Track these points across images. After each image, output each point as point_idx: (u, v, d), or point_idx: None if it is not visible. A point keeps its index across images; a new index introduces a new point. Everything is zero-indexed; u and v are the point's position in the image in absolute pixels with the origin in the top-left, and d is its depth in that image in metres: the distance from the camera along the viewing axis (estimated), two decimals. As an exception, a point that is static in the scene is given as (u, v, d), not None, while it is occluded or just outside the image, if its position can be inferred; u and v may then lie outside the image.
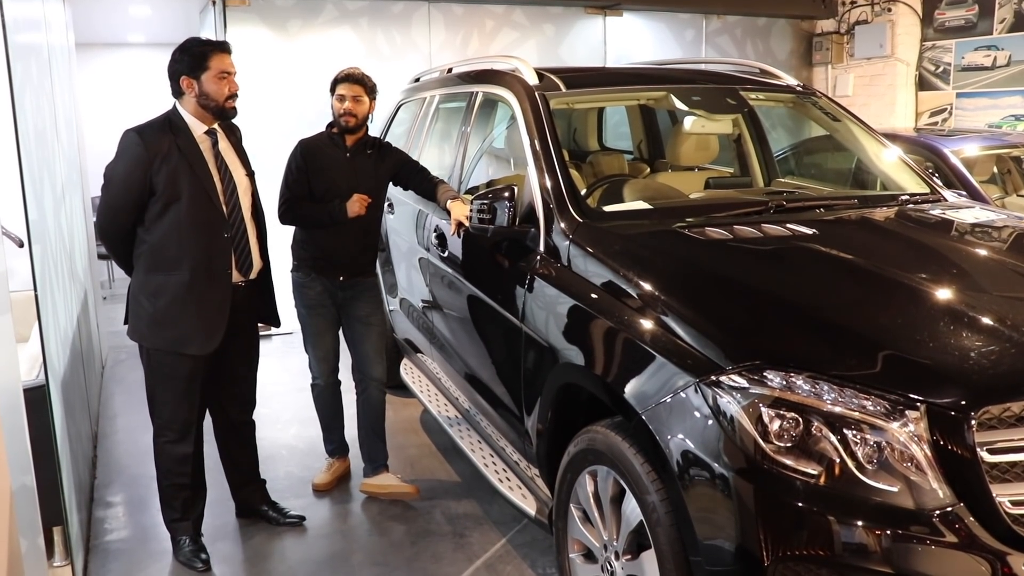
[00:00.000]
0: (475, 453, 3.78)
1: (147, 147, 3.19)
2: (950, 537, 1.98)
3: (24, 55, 3.41)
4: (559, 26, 7.96)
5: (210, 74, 3.27)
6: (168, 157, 3.21)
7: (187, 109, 3.32)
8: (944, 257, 2.90)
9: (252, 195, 3.51)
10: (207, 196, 3.29)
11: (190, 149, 3.27)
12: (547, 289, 3.02)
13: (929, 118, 8.59)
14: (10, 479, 2.63)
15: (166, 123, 3.30)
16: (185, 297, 3.28)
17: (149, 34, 9.95)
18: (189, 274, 3.27)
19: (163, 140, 3.23)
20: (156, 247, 3.27)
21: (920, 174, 3.88)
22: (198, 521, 3.59)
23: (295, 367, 5.77)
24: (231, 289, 3.40)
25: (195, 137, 3.31)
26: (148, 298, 3.31)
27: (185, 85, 3.29)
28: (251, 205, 3.49)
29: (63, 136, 4.85)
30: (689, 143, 4.09)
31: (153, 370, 3.41)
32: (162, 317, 3.30)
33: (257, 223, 3.53)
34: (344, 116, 3.81)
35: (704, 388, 2.22)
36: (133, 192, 3.22)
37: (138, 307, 3.35)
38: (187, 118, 3.32)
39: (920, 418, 2.06)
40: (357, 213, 3.76)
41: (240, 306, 3.46)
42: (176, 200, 3.23)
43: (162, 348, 3.35)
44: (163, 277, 3.28)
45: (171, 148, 3.23)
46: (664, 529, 2.30)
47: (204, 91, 3.28)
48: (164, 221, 3.25)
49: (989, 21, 8.01)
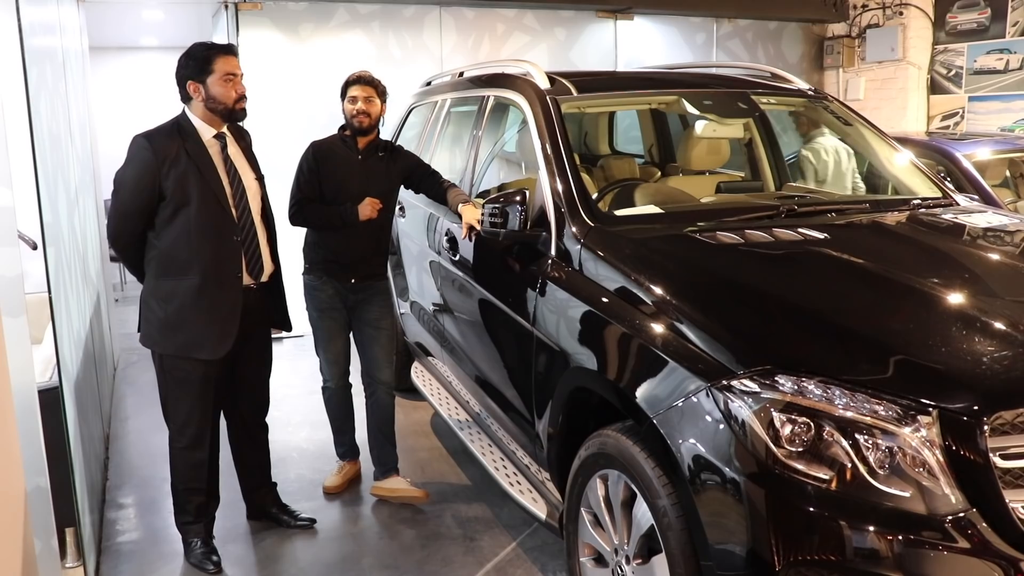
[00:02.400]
0: (486, 457, 3.78)
1: (156, 152, 3.20)
2: (962, 543, 1.97)
3: (39, 59, 3.43)
4: (570, 30, 7.96)
5: (216, 77, 3.28)
6: (177, 161, 3.22)
7: (196, 113, 3.34)
8: (956, 262, 2.89)
9: (262, 199, 3.52)
10: (216, 200, 3.30)
11: (199, 153, 3.28)
12: (558, 293, 3.02)
13: (941, 122, 8.56)
14: (24, 480, 2.64)
15: (175, 128, 3.31)
16: (196, 302, 3.29)
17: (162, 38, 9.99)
18: (200, 278, 3.28)
19: (172, 145, 3.24)
20: (166, 252, 3.28)
21: (932, 178, 3.87)
22: (210, 524, 3.61)
23: (306, 370, 5.78)
24: (242, 293, 3.41)
25: (204, 141, 3.32)
26: (159, 303, 3.32)
27: (192, 89, 3.30)
28: (260, 209, 3.50)
29: (77, 139, 4.88)
30: (700, 147, 4.09)
31: (166, 375, 3.42)
32: (174, 322, 3.31)
33: (267, 227, 3.54)
34: (357, 116, 3.83)
35: (716, 392, 2.22)
36: (143, 197, 3.23)
37: (149, 312, 3.36)
38: (196, 122, 3.33)
39: (932, 423, 2.05)
40: (368, 216, 3.77)
41: (252, 310, 3.47)
42: (186, 204, 3.24)
43: (174, 353, 3.36)
44: (174, 282, 3.29)
45: (180, 152, 3.24)
46: (675, 533, 2.30)
47: (211, 94, 3.29)
48: (174, 226, 3.26)
49: (1002, 24, 7.97)
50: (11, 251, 2.76)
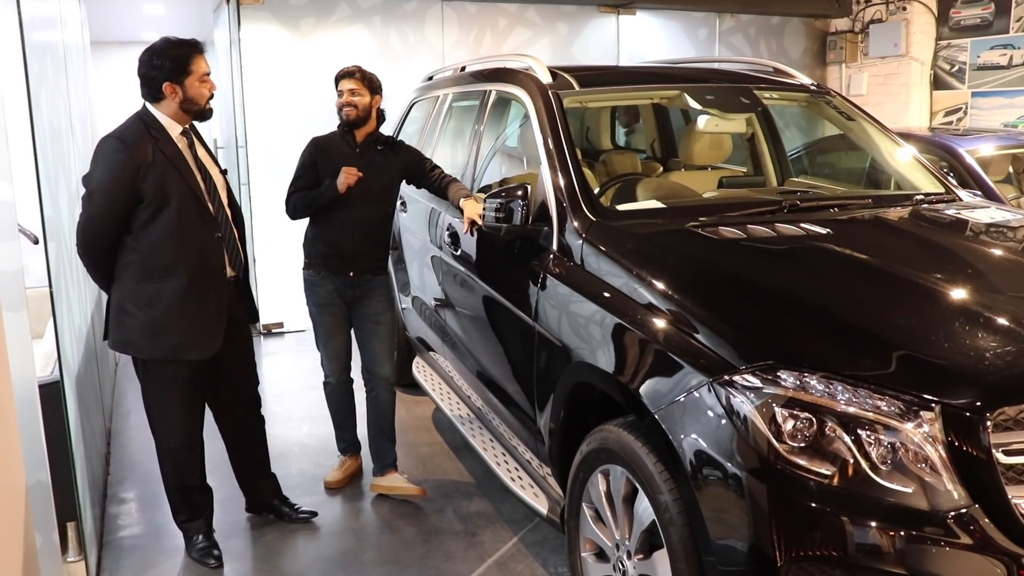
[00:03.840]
0: (487, 452, 3.78)
1: (132, 154, 3.11)
2: (965, 539, 1.96)
3: (40, 53, 3.43)
4: (572, 25, 7.95)
5: (193, 78, 3.22)
6: (153, 162, 3.14)
7: (164, 112, 3.24)
8: (959, 257, 2.89)
9: (228, 192, 3.47)
10: (195, 197, 3.23)
11: (173, 152, 3.21)
12: (560, 288, 3.02)
13: (944, 117, 8.54)
14: (25, 475, 2.64)
15: (142, 126, 3.21)
16: (184, 302, 3.22)
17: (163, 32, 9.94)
18: (186, 278, 3.21)
19: (145, 145, 3.15)
20: (148, 254, 3.19)
21: (935, 174, 3.86)
22: (209, 518, 3.60)
23: (307, 365, 5.78)
24: (228, 289, 3.38)
25: (173, 138, 3.24)
26: (140, 308, 3.22)
27: (168, 91, 3.20)
28: (227, 202, 3.44)
29: (78, 134, 4.88)
30: (702, 142, 4.08)
31: (152, 380, 3.36)
32: (159, 325, 3.22)
33: (236, 219, 3.49)
34: (345, 108, 3.85)
35: (717, 388, 2.21)
36: (119, 201, 3.12)
37: (125, 318, 3.25)
38: (163, 119, 3.24)
39: (935, 419, 2.05)
40: (346, 184, 3.75)
41: (233, 303, 3.44)
42: (165, 205, 3.16)
43: (161, 357, 3.29)
44: (157, 284, 3.20)
45: (155, 152, 3.15)
46: (677, 529, 2.29)
47: (189, 95, 3.22)
48: (155, 227, 3.17)
49: (1005, 20, 7.95)
50: (12, 245, 2.76)
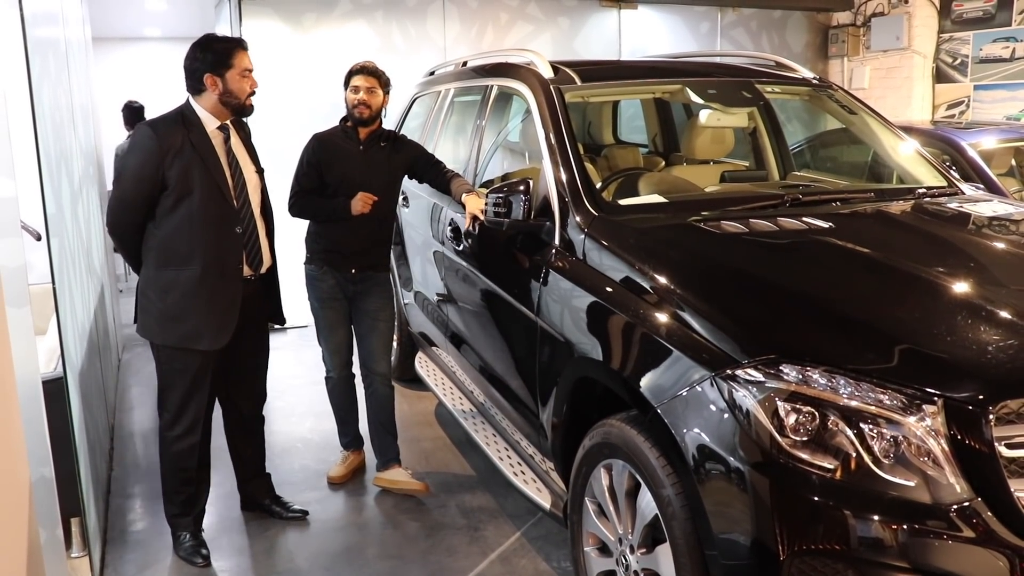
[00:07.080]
0: (490, 446, 3.78)
1: (160, 141, 3.19)
2: (967, 532, 1.97)
3: (42, 49, 3.42)
4: (574, 19, 7.94)
5: (234, 72, 3.28)
6: (181, 152, 3.21)
7: (204, 105, 3.32)
8: (961, 251, 2.88)
9: (262, 192, 3.51)
10: (219, 191, 3.28)
11: (203, 144, 3.27)
12: (562, 283, 3.02)
13: (946, 111, 8.52)
14: (29, 470, 2.64)
15: (179, 117, 3.30)
16: (196, 293, 3.27)
17: (165, 28, 9.99)
18: (200, 269, 3.26)
19: (176, 134, 3.23)
20: (166, 242, 3.27)
21: (937, 167, 3.86)
22: (199, 516, 3.59)
23: (310, 360, 5.78)
24: (242, 284, 3.40)
25: (208, 132, 3.31)
26: (158, 294, 3.30)
27: (209, 83, 3.27)
28: (260, 202, 3.49)
29: (80, 130, 4.88)
30: (704, 136, 4.08)
31: (164, 366, 3.41)
32: (173, 313, 3.30)
33: (266, 220, 3.54)
34: (358, 107, 3.82)
35: (720, 382, 2.21)
36: (144, 186, 3.22)
37: (147, 303, 3.34)
38: (201, 113, 3.32)
39: (937, 412, 2.05)
40: (360, 212, 3.76)
41: (249, 300, 3.45)
42: (188, 195, 3.23)
43: (173, 344, 3.35)
44: (173, 272, 3.28)
45: (184, 143, 3.23)
46: (679, 523, 2.30)
47: (228, 88, 3.29)
48: (175, 216, 3.24)
49: (1008, 12, 7.93)
50: (15, 242, 2.76)
